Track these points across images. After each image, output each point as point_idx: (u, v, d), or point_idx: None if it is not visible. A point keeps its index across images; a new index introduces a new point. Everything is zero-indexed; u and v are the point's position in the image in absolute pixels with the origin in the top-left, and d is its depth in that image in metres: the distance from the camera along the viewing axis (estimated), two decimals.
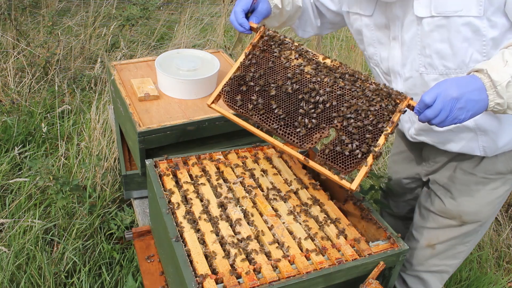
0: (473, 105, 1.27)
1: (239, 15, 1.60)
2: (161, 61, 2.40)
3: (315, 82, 1.53)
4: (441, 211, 1.83)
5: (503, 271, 2.72)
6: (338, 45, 5.16)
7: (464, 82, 1.28)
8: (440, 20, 1.43)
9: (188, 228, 1.51)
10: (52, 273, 2.25)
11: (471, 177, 1.73)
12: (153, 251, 1.96)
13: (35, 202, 2.63)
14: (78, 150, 3.01)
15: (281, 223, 1.58)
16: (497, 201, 1.78)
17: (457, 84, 1.27)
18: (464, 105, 1.26)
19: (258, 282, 1.33)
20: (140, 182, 2.31)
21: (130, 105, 2.19)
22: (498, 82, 1.25)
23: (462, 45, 1.43)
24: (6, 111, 3.32)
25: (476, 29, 1.39)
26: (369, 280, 1.45)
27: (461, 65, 1.47)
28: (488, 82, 1.27)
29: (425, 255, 1.92)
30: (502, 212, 3.02)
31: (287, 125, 1.49)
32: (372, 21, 1.62)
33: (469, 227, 1.81)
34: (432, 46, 1.48)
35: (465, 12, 1.38)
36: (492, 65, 1.28)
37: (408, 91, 1.61)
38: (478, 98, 1.27)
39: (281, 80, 1.56)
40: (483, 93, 1.27)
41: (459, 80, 1.29)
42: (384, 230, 1.59)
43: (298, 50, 1.62)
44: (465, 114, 1.28)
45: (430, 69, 1.53)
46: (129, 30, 4.70)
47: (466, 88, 1.27)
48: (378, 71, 1.75)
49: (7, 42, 4.10)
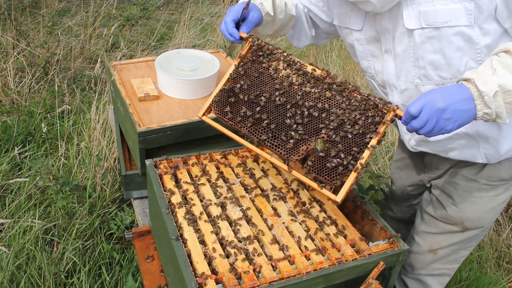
0: (461, 115, 1.26)
1: (229, 25, 1.60)
2: (161, 61, 2.40)
3: (303, 94, 1.52)
4: (443, 217, 1.81)
5: (503, 271, 2.71)
6: (338, 45, 5.16)
7: (451, 92, 1.26)
8: (431, 31, 1.41)
9: (188, 228, 1.51)
10: (52, 273, 2.25)
11: (474, 184, 1.71)
12: (153, 251, 1.96)
13: (35, 202, 2.63)
14: (78, 150, 3.01)
15: (281, 223, 1.58)
16: (499, 207, 1.76)
17: (444, 95, 1.26)
18: (451, 115, 1.25)
19: (258, 282, 1.33)
20: (140, 182, 2.31)
21: (130, 105, 2.19)
22: (485, 92, 1.23)
23: (455, 55, 1.42)
24: (6, 111, 3.32)
25: (468, 38, 1.38)
26: (369, 280, 1.45)
27: (456, 74, 1.45)
28: (475, 92, 1.25)
29: (427, 260, 1.91)
30: (502, 212, 3.02)
31: (274, 137, 1.50)
32: (362, 35, 1.62)
33: (471, 232, 1.80)
34: (425, 57, 1.47)
35: (455, 22, 1.36)
36: (480, 74, 1.26)
37: (404, 103, 1.61)
38: (465, 108, 1.25)
39: (269, 92, 1.56)
40: (470, 103, 1.25)
41: (445, 90, 1.28)
42: (384, 230, 1.59)
43: (287, 60, 1.61)
44: (452, 124, 1.26)
45: (426, 80, 1.52)
46: (129, 30, 4.70)
47: (453, 98, 1.25)
48: (374, 84, 1.74)
49: (7, 42, 4.10)
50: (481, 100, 1.24)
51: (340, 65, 4.66)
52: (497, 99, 1.23)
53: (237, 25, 1.63)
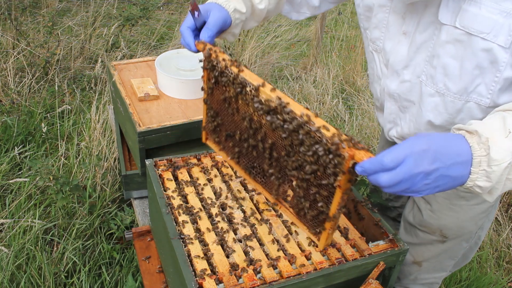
0: (446, 182, 0.97)
1: (185, 33, 1.35)
2: (161, 61, 2.40)
3: (263, 136, 1.32)
4: (421, 224, 1.74)
5: (503, 271, 2.71)
6: (338, 45, 5.16)
7: (446, 149, 0.96)
8: (462, 35, 1.21)
9: (188, 228, 1.51)
10: (52, 273, 2.25)
11: (453, 191, 1.56)
12: (152, 251, 1.96)
13: (35, 202, 2.63)
14: (78, 150, 3.01)
15: (281, 223, 1.58)
16: (480, 217, 1.65)
17: (435, 151, 0.95)
18: (434, 181, 0.96)
19: (258, 282, 1.33)
20: (140, 182, 2.31)
21: (130, 105, 2.19)
22: (497, 161, 0.92)
23: (472, 71, 1.23)
24: (6, 111, 3.32)
25: (495, 59, 1.18)
26: (369, 280, 1.45)
27: (461, 91, 1.29)
28: (482, 156, 0.94)
29: (412, 271, 1.88)
30: (502, 212, 3.02)
31: (260, 174, 1.47)
32: (390, 2, 1.39)
33: (451, 243, 1.72)
34: (442, 58, 1.28)
35: (492, 37, 1.15)
36: (491, 130, 0.95)
37: (401, 95, 1.47)
38: (456, 175, 0.96)
39: (239, 129, 1.39)
40: (466, 168, 0.96)
41: (439, 142, 0.96)
42: (384, 230, 1.59)
43: (238, 83, 1.31)
44: (429, 190, 0.98)
45: (430, 81, 1.35)
46: (129, 30, 4.69)
47: (446, 160, 0.95)
48: (376, 58, 1.55)
49: (7, 42, 4.10)
50: (484, 170, 0.95)
51: (340, 65, 4.66)
52: (505, 173, 0.95)
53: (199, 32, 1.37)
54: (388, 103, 1.58)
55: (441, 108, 1.37)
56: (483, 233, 1.82)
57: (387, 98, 1.57)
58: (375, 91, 1.67)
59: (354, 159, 1.04)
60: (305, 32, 5.65)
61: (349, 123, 3.91)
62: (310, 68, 4.71)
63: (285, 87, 4.32)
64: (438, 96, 1.36)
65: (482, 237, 1.84)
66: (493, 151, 0.92)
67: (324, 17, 4.79)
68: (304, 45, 5.42)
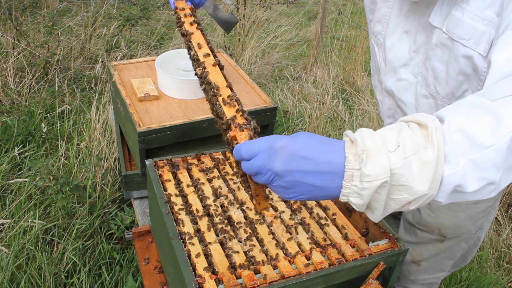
0: (310, 190, 0.85)
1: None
2: (161, 61, 2.40)
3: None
4: (419, 223, 1.74)
5: (503, 271, 2.71)
6: (338, 45, 5.16)
7: (315, 154, 0.83)
8: (446, 39, 1.21)
9: (188, 228, 1.51)
10: (52, 273, 2.25)
11: None
12: (152, 252, 1.96)
13: (35, 202, 2.63)
14: (78, 150, 3.01)
15: (281, 223, 1.58)
16: (478, 216, 1.65)
17: (293, 155, 0.83)
18: (291, 185, 0.85)
19: (258, 282, 1.32)
20: (140, 182, 2.31)
21: (130, 105, 2.19)
22: (369, 178, 0.79)
23: (457, 77, 1.23)
24: (6, 111, 3.32)
25: (475, 67, 1.17)
26: (369, 280, 1.45)
27: (449, 95, 1.29)
28: (354, 170, 0.81)
29: (411, 271, 1.88)
30: (502, 212, 3.02)
31: None
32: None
33: (450, 242, 1.73)
34: (432, 61, 1.30)
35: (471, 44, 1.14)
36: (378, 144, 0.80)
37: (395, 93, 1.47)
38: (321, 185, 0.84)
39: None
40: (333, 180, 0.83)
41: (310, 146, 0.84)
42: (384, 230, 1.59)
43: (186, 40, 1.40)
44: (293, 196, 0.87)
45: (424, 83, 1.36)
46: (129, 30, 4.70)
47: (305, 166, 0.83)
48: (377, 52, 1.55)
49: (7, 42, 4.10)
50: (355, 186, 0.82)
51: (340, 65, 4.66)
52: (381, 192, 0.81)
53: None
54: (386, 99, 1.59)
55: (435, 110, 1.38)
56: (483, 234, 1.82)
57: (384, 93, 1.58)
58: (376, 84, 1.68)
59: (237, 140, 1.04)
60: (305, 32, 5.65)
61: (349, 123, 3.91)
62: (310, 68, 4.71)
63: (285, 87, 4.32)
64: (431, 98, 1.37)
65: (481, 238, 1.84)
66: (366, 166, 0.79)
67: (324, 17, 4.79)
68: (304, 45, 5.42)
